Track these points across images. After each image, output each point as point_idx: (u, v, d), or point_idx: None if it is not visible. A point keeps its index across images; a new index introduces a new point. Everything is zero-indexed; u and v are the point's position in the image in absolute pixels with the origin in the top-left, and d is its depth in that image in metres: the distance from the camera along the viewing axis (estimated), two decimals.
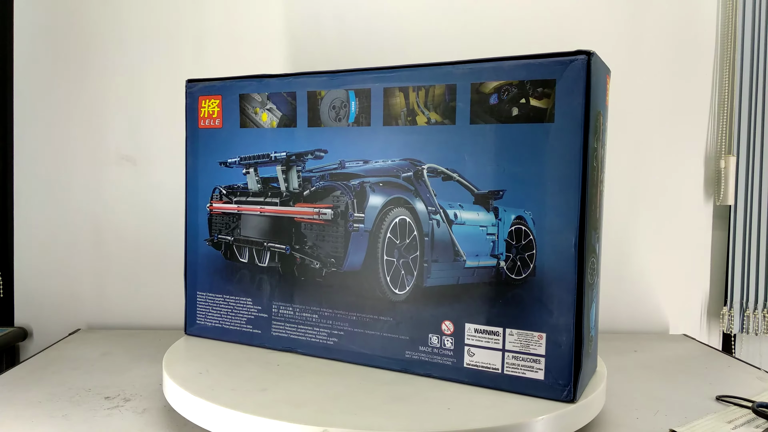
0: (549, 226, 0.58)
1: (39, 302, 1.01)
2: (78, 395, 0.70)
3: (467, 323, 0.63)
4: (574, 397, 0.58)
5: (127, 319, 1.02)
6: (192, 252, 0.79)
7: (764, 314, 1.04)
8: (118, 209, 1.01)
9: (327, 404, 0.57)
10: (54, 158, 1.01)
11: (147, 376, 0.77)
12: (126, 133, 1.00)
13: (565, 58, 0.57)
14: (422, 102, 0.64)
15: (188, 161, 0.79)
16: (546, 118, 0.58)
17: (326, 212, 0.69)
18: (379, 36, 0.97)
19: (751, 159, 1.03)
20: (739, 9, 1.02)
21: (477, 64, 0.61)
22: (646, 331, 1.05)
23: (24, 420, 0.63)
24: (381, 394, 0.60)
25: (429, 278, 0.64)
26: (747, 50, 1.02)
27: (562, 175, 0.57)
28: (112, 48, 1.00)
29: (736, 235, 1.04)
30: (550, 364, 0.59)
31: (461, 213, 0.63)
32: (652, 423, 0.64)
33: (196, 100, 0.77)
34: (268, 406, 0.56)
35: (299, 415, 0.54)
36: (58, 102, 1.00)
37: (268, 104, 0.72)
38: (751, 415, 0.66)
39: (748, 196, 1.03)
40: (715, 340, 1.08)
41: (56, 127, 1.00)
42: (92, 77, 1.00)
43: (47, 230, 1.01)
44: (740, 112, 1.02)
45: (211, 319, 0.78)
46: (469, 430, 0.52)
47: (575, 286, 0.57)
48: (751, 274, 1.04)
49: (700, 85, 1.03)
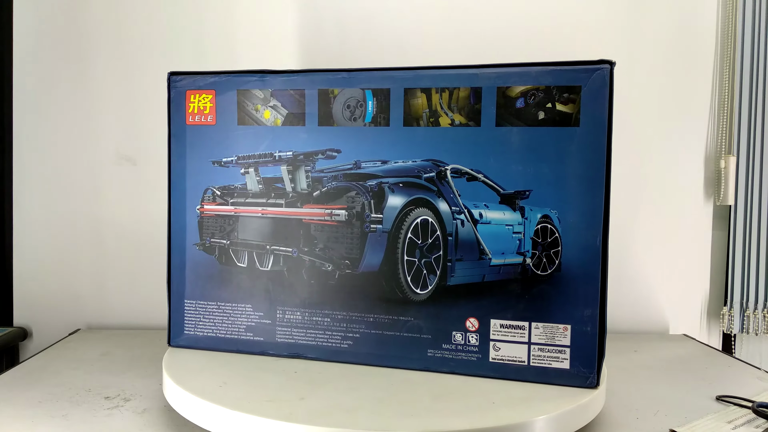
0: (574, 224, 0.62)
1: (39, 302, 1.01)
2: (78, 395, 0.69)
3: (493, 319, 0.65)
4: (597, 383, 0.62)
5: (127, 319, 1.01)
6: (177, 257, 0.73)
7: (764, 314, 1.04)
8: (117, 209, 1.01)
9: (377, 408, 0.56)
10: (54, 158, 1.00)
11: (147, 376, 0.76)
12: (126, 133, 1.00)
13: (591, 66, 0.61)
14: (446, 103, 0.65)
15: (172, 160, 0.73)
16: (572, 122, 0.61)
17: (339, 213, 0.68)
18: (379, 36, 0.97)
19: (751, 159, 1.03)
20: (739, 9, 1.02)
21: (503, 69, 0.63)
22: (646, 331, 1.04)
23: (24, 420, 0.62)
24: (422, 394, 0.60)
25: (453, 277, 0.66)
26: (747, 50, 1.02)
27: (588, 176, 0.61)
28: (111, 48, 0.99)
29: (736, 235, 1.03)
30: (574, 353, 0.63)
31: (486, 212, 0.65)
32: (652, 423, 0.64)
33: (182, 94, 0.72)
34: (322, 414, 0.54)
35: (359, 421, 0.53)
36: (57, 102, 0.99)
37: (272, 101, 0.69)
38: (751, 415, 0.66)
39: (748, 196, 1.03)
40: (715, 340, 1.07)
41: (56, 127, 1.00)
42: (92, 77, 0.99)
43: (47, 230, 1.00)
44: (740, 112, 1.03)
45: (202, 329, 0.73)
46: (522, 422, 0.54)
47: (599, 280, 0.62)
48: (751, 274, 1.04)
49: (700, 85, 1.03)
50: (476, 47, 0.98)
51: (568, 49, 0.99)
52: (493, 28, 1.00)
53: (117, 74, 0.99)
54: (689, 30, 1.03)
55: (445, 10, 0.99)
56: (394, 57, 0.92)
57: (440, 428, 0.52)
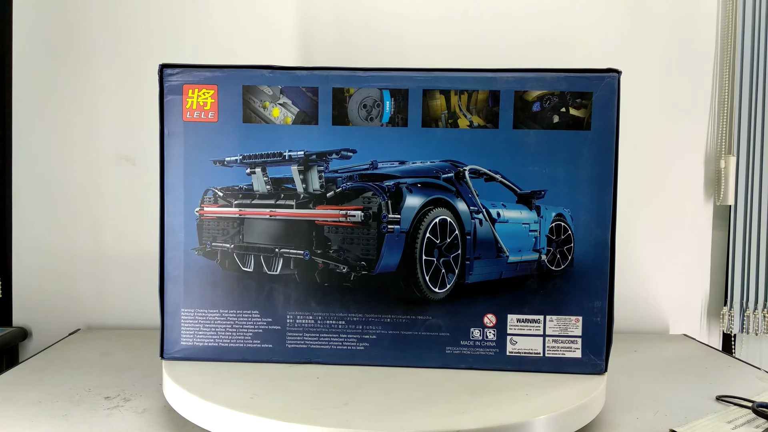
0: (585, 221, 0.66)
1: (38, 302, 1.01)
2: (78, 395, 0.69)
3: (510, 314, 0.67)
4: (605, 368, 0.67)
5: (127, 319, 1.01)
6: (172, 264, 0.68)
7: (764, 314, 1.03)
8: (117, 209, 1.00)
9: (425, 407, 0.57)
10: (53, 158, 1.00)
11: (147, 376, 0.76)
12: (125, 133, 0.99)
13: (601, 74, 0.65)
14: (464, 105, 0.66)
15: (166, 159, 0.68)
16: (584, 126, 0.65)
17: (355, 214, 0.67)
18: (378, 36, 0.96)
19: (751, 159, 1.03)
20: (739, 9, 1.02)
21: (521, 74, 0.66)
22: (646, 331, 1.04)
23: (24, 420, 0.62)
24: (459, 391, 0.61)
25: (471, 275, 0.67)
26: (747, 50, 1.02)
27: (598, 177, 0.66)
28: (111, 47, 0.99)
29: (736, 235, 1.03)
30: (585, 343, 0.67)
31: (504, 212, 0.67)
32: (652, 423, 0.64)
33: (179, 88, 0.67)
34: (379, 417, 0.54)
35: (422, 422, 0.53)
36: (57, 102, 0.99)
37: (282, 98, 0.67)
38: (751, 415, 0.66)
39: (748, 196, 1.03)
40: (715, 340, 1.07)
41: (55, 127, 0.99)
42: (91, 77, 0.99)
43: (46, 230, 1.00)
44: (740, 112, 1.02)
45: (202, 339, 0.68)
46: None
47: (609, 274, 0.66)
48: (751, 274, 1.03)
49: (700, 85, 1.04)
50: (476, 48, 0.99)
51: (568, 50, 1.00)
52: (492, 27, 0.99)
53: (117, 74, 0.99)
54: (689, 30, 1.03)
55: (446, 10, 0.99)
56: (394, 57, 0.92)
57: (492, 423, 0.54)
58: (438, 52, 0.97)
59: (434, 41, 0.99)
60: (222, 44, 0.99)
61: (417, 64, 0.69)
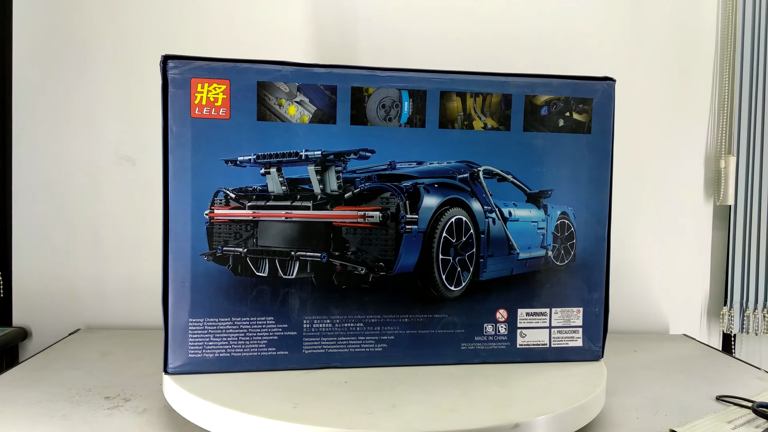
0: (586, 219, 0.71)
1: (38, 302, 1.00)
2: (78, 395, 0.69)
3: (519, 309, 0.70)
4: (602, 354, 0.72)
5: (127, 319, 1.00)
6: (178, 271, 0.63)
7: (764, 314, 1.03)
8: (117, 209, 0.99)
9: (469, 405, 0.58)
10: (53, 158, 0.98)
11: (147, 376, 0.75)
12: (125, 133, 0.98)
13: (600, 81, 0.70)
14: (479, 108, 0.68)
15: (171, 158, 0.63)
16: (584, 130, 0.70)
17: (373, 215, 0.66)
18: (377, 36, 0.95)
19: (751, 159, 1.03)
20: (739, 9, 1.02)
21: (531, 79, 0.69)
22: (646, 331, 1.04)
23: (24, 420, 0.62)
24: (488, 387, 0.63)
25: (485, 272, 0.69)
26: (747, 50, 1.02)
27: (597, 176, 0.71)
28: (110, 47, 0.98)
29: (736, 235, 1.03)
30: (585, 332, 0.72)
31: (515, 211, 0.70)
32: (652, 423, 0.64)
33: (186, 82, 0.62)
34: (438, 418, 0.54)
35: (469, 419, 0.54)
36: (57, 101, 0.98)
37: (299, 96, 0.64)
38: (751, 415, 0.66)
39: (748, 196, 1.03)
40: (715, 340, 1.07)
41: (55, 127, 0.98)
42: (91, 76, 0.98)
43: (46, 230, 0.99)
44: (740, 112, 1.02)
45: (212, 350, 0.64)
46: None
47: (605, 267, 0.72)
48: (751, 274, 1.03)
49: (700, 86, 1.04)
50: (476, 49, 0.99)
51: (568, 50, 1.01)
52: (492, 27, 0.99)
53: (116, 74, 0.98)
54: (689, 30, 1.03)
55: (445, 10, 0.99)
56: (393, 57, 0.91)
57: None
58: (438, 52, 0.97)
59: (434, 41, 0.98)
60: (223, 45, 0.98)
61: (417, 65, 0.70)
